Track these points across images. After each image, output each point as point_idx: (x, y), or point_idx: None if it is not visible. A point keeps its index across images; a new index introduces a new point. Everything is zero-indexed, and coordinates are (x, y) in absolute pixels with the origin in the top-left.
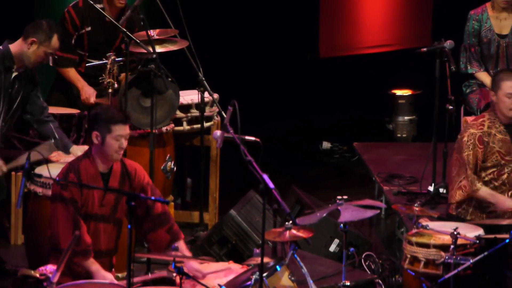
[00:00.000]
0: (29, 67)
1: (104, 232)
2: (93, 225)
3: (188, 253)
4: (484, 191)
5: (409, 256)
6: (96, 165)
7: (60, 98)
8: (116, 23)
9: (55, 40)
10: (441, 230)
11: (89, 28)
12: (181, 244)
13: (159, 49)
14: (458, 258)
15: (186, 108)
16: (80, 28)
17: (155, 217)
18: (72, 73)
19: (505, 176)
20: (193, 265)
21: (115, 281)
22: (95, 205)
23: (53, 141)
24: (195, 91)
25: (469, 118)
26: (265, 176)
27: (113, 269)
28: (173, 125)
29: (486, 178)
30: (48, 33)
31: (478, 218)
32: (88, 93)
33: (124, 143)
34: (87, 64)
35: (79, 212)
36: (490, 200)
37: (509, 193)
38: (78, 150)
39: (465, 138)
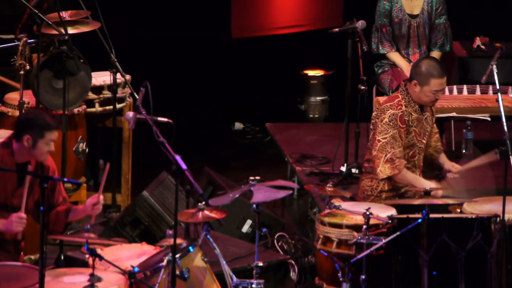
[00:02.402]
0: None
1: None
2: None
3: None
4: (409, 174)
5: (321, 236)
6: (13, 158)
7: None
8: (27, 4)
9: None
10: (353, 210)
11: None
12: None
13: (71, 30)
14: (371, 238)
15: (98, 89)
16: None
17: (55, 204)
18: None
19: (416, 157)
20: None
21: None
22: (8, 196)
23: None
24: (107, 73)
25: (381, 98)
26: (178, 157)
27: (22, 253)
28: (85, 106)
29: None
30: None
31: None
32: None
33: (53, 146)
34: None
35: None
36: (414, 184)
37: (419, 175)
38: None
39: (386, 119)
